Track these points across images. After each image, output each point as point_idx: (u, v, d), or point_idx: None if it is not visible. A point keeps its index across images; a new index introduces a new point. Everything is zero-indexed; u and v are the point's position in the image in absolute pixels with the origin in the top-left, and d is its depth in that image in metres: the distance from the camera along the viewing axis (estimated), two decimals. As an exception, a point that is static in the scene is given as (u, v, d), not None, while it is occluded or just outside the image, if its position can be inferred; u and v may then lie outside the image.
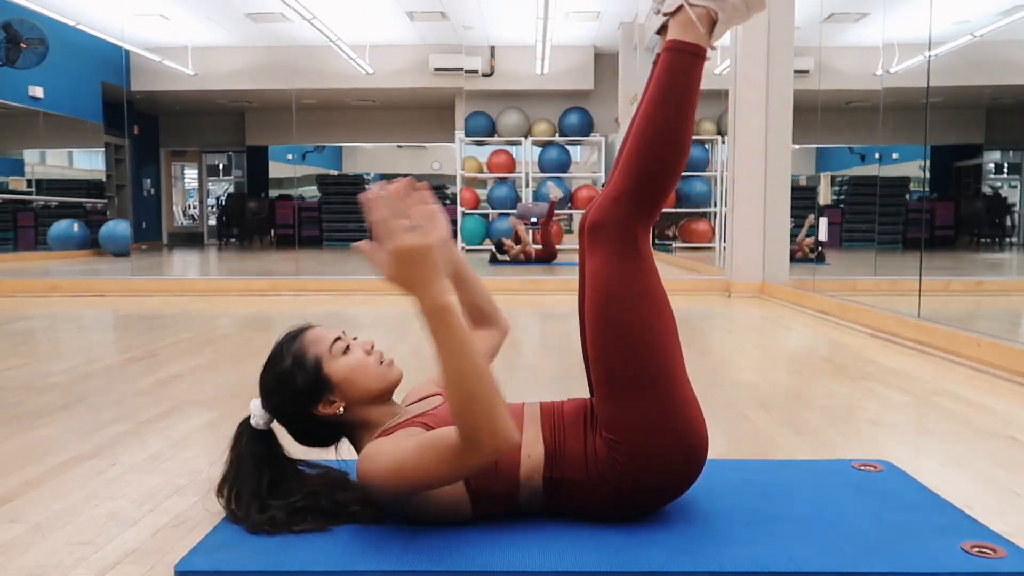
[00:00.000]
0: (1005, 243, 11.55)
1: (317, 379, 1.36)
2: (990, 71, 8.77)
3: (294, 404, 1.38)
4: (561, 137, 12.03)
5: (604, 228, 1.33)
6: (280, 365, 1.39)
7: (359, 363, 1.38)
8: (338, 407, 1.37)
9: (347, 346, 1.40)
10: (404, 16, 10.00)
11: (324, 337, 1.40)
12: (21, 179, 11.40)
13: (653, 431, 1.29)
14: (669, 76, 1.33)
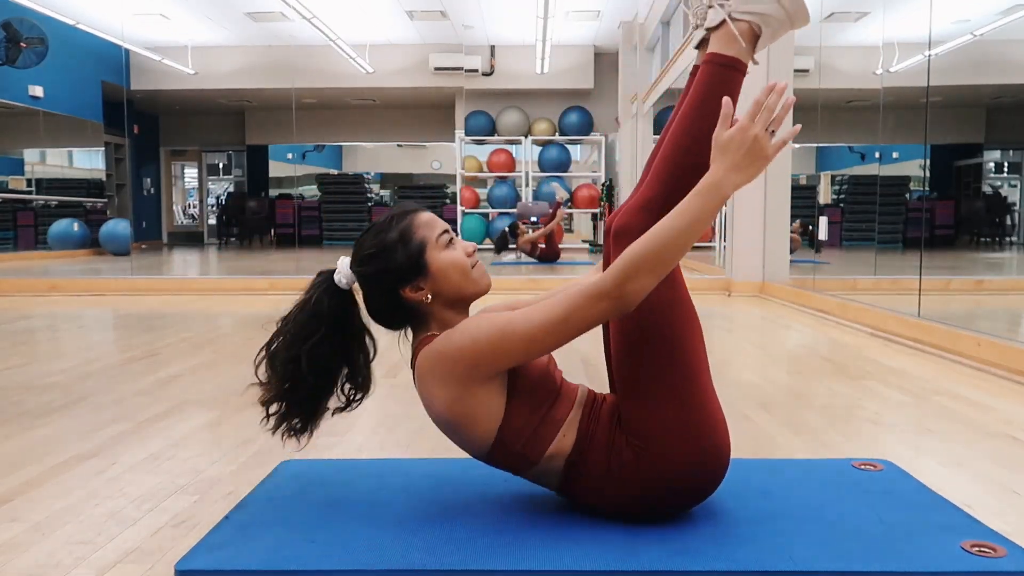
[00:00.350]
0: (1005, 242, 11.55)
1: (416, 262, 1.34)
2: (990, 70, 8.76)
3: (385, 276, 1.36)
4: (561, 136, 12.03)
5: (632, 234, 1.32)
6: (385, 235, 1.36)
7: (459, 260, 1.36)
8: (425, 295, 1.35)
9: (451, 239, 1.39)
10: (404, 15, 10.00)
11: (435, 224, 1.38)
12: (21, 178, 11.41)
13: (678, 439, 1.29)
14: (708, 89, 1.34)
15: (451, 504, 1.43)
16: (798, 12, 1.37)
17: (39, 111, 9.99)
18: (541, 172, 12.01)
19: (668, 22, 9.57)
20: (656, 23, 9.59)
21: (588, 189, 11.94)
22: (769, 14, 1.35)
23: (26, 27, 9.08)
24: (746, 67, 1.35)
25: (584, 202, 11.85)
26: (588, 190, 11.92)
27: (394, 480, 1.57)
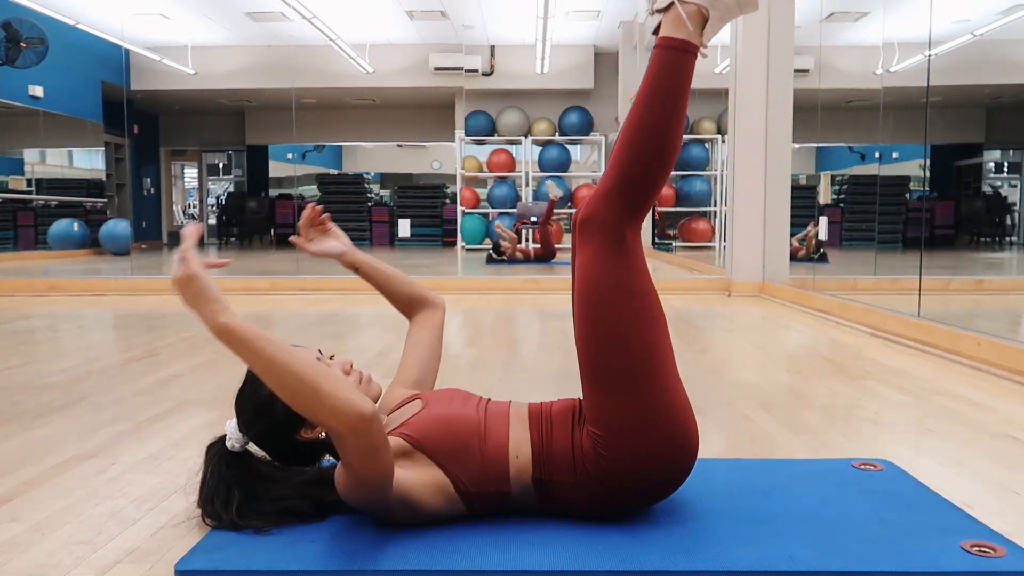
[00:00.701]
0: (1005, 242, 11.55)
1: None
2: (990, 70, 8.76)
3: (274, 431, 1.37)
4: (561, 136, 12.03)
5: (593, 223, 1.33)
6: (258, 393, 1.36)
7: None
8: (320, 431, 1.37)
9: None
10: (404, 15, 10.00)
11: None
12: (21, 178, 11.41)
13: (636, 426, 1.28)
14: (659, 73, 1.32)
15: (451, 504, 1.42)
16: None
17: (39, 111, 9.99)
18: (541, 172, 12.01)
19: (668, 22, 9.56)
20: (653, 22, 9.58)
21: (588, 189, 11.93)
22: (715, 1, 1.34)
23: (26, 27, 9.08)
24: (697, 49, 1.33)
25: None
26: (588, 190, 11.91)
27: (394, 480, 1.57)
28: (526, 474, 1.33)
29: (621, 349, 1.30)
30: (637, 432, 1.28)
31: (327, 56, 10.67)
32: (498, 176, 12.08)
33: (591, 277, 1.32)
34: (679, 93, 1.31)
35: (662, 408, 1.30)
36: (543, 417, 1.38)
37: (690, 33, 1.32)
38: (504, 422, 1.37)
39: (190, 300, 1.15)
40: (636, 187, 1.32)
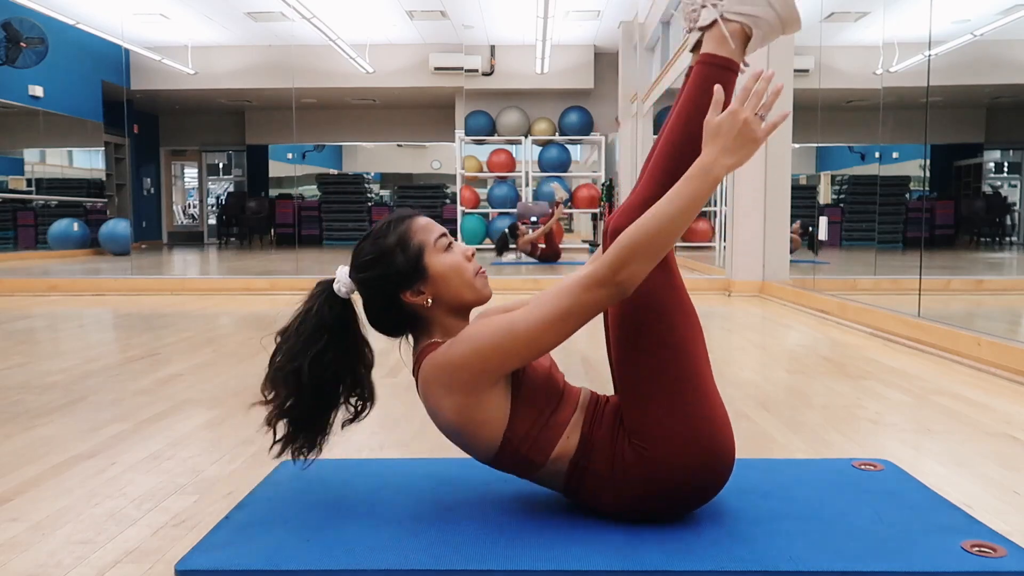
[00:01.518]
0: (1005, 242, 11.56)
1: (416, 265, 1.34)
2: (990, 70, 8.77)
3: (385, 282, 1.35)
4: (561, 136, 12.03)
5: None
6: (383, 240, 1.36)
7: (459, 264, 1.36)
8: (426, 299, 1.35)
9: (450, 243, 1.38)
10: (404, 15, 10.00)
11: (432, 227, 1.38)
12: (21, 178, 11.41)
13: (680, 440, 1.29)
14: (701, 89, 1.34)
15: (451, 504, 1.43)
16: (790, 17, 1.39)
17: (39, 111, 9.99)
18: (541, 172, 12.01)
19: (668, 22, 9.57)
20: (656, 23, 9.59)
21: (588, 189, 11.93)
22: (760, 16, 1.37)
23: (26, 27, 9.08)
24: (739, 67, 1.36)
25: (584, 202, 11.85)
26: (588, 190, 11.91)
27: (394, 480, 1.57)
28: (566, 456, 1.33)
29: (661, 359, 1.31)
30: (682, 448, 1.29)
31: (327, 56, 10.67)
32: (498, 176, 12.08)
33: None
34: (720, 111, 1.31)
35: (700, 417, 1.30)
36: (598, 410, 1.38)
37: (732, 51, 1.35)
38: (575, 402, 1.38)
39: (730, 142, 1.23)
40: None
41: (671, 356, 1.31)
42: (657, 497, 1.31)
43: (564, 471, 1.34)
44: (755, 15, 1.36)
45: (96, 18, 9.50)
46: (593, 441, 1.33)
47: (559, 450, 1.33)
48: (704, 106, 1.31)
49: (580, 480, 1.33)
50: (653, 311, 1.32)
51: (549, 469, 1.34)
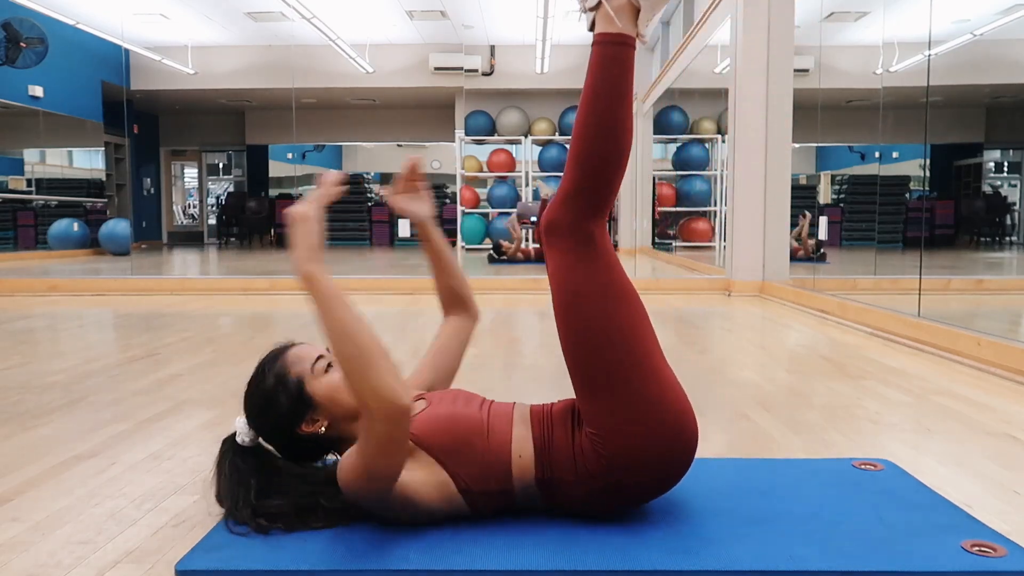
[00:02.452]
0: (1005, 242, 11.56)
1: (300, 398, 1.37)
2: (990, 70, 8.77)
3: (278, 423, 1.38)
4: (561, 136, 12.03)
5: (558, 227, 1.33)
6: (263, 385, 1.39)
7: (340, 383, 1.37)
8: (320, 425, 1.38)
9: (329, 363, 1.40)
10: (404, 15, 10.00)
11: (306, 356, 1.40)
12: (21, 178, 11.41)
13: (633, 423, 1.28)
14: (599, 69, 1.31)
15: (451, 504, 1.42)
16: None
17: (39, 111, 9.99)
18: (541, 172, 12.01)
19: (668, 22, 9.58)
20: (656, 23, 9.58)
21: (588, 189, 11.93)
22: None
23: (26, 27, 9.08)
24: (634, 41, 1.33)
25: (584, 202, 11.85)
26: (588, 190, 11.91)
27: (394, 480, 1.57)
28: (529, 473, 1.32)
29: (604, 348, 1.30)
30: (632, 428, 1.28)
31: (327, 56, 10.67)
32: (498, 176, 12.08)
33: (564, 281, 1.33)
34: (622, 87, 1.30)
35: (654, 401, 1.29)
36: (544, 417, 1.38)
37: (623, 26, 1.31)
38: (507, 421, 1.37)
39: (294, 237, 1.23)
40: (594, 186, 1.32)
41: (612, 341, 1.30)
42: (624, 484, 1.30)
43: (535, 490, 1.33)
44: None
45: (96, 18, 9.50)
46: (551, 453, 1.32)
47: (517, 470, 1.32)
48: (604, 83, 1.30)
49: (552, 493, 1.33)
50: (585, 298, 1.31)
51: (521, 492, 1.33)
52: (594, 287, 1.31)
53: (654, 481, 1.32)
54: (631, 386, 1.29)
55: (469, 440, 1.32)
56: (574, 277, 1.31)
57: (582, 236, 1.32)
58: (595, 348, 1.30)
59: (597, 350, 1.30)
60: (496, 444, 1.33)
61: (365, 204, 14.19)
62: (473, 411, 1.38)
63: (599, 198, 1.33)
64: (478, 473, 1.31)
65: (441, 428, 1.33)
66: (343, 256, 10.35)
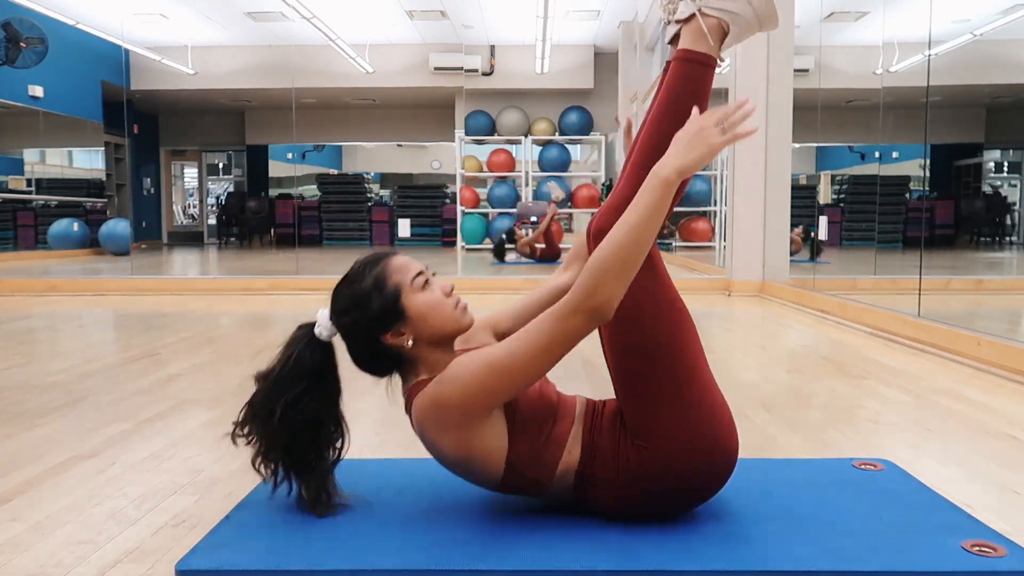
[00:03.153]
0: (1005, 242, 11.56)
1: (394, 307, 1.34)
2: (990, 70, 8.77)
3: (364, 326, 1.35)
4: (561, 136, 12.03)
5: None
6: (359, 284, 1.36)
7: (437, 301, 1.36)
8: (407, 339, 1.35)
9: (426, 281, 1.37)
10: (404, 15, 10.00)
11: (408, 267, 1.37)
12: (21, 178, 11.41)
13: (684, 440, 1.28)
14: (678, 85, 1.33)
15: (451, 504, 1.43)
16: (767, 14, 1.38)
17: (39, 111, 9.99)
18: (541, 172, 12.01)
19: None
20: (656, 23, 9.59)
21: (588, 189, 11.93)
22: (738, 13, 1.35)
23: (26, 27, 9.08)
24: (716, 63, 1.35)
25: (584, 202, 11.84)
26: (588, 190, 11.91)
27: (394, 480, 1.57)
28: (571, 469, 1.33)
29: (663, 363, 1.30)
30: (686, 446, 1.28)
31: (327, 56, 10.67)
32: (498, 176, 12.08)
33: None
34: (697, 105, 1.31)
35: (704, 411, 1.30)
36: (595, 416, 1.37)
37: (710, 47, 1.33)
38: (571, 414, 1.37)
39: (689, 147, 1.21)
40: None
41: (665, 354, 1.31)
42: (663, 494, 1.31)
43: (571, 484, 1.33)
44: (733, 11, 1.35)
45: (96, 18, 9.50)
46: (596, 449, 1.32)
47: (563, 465, 1.32)
48: (680, 103, 1.31)
49: (586, 489, 1.33)
50: (640, 310, 1.31)
51: (556, 486, 1.33)
52: (645, 297, 1.31)
53: (693, 491, 1.33)
54: (683, 394, 1.30)
55: (542, 421, 1.33)
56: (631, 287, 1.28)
57: None
58: (646, 358, 1.31)
59: (648, 360, 1.30)
60: (557, 435, 1.33)
61: (365, 204, 14.19)
62: (552, 394, 1.38)
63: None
64: (529, 455, 1.30)
65: (530, 399, 1.33)
66: (343, 255, 10.35)
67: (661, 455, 1.28)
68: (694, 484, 1.31)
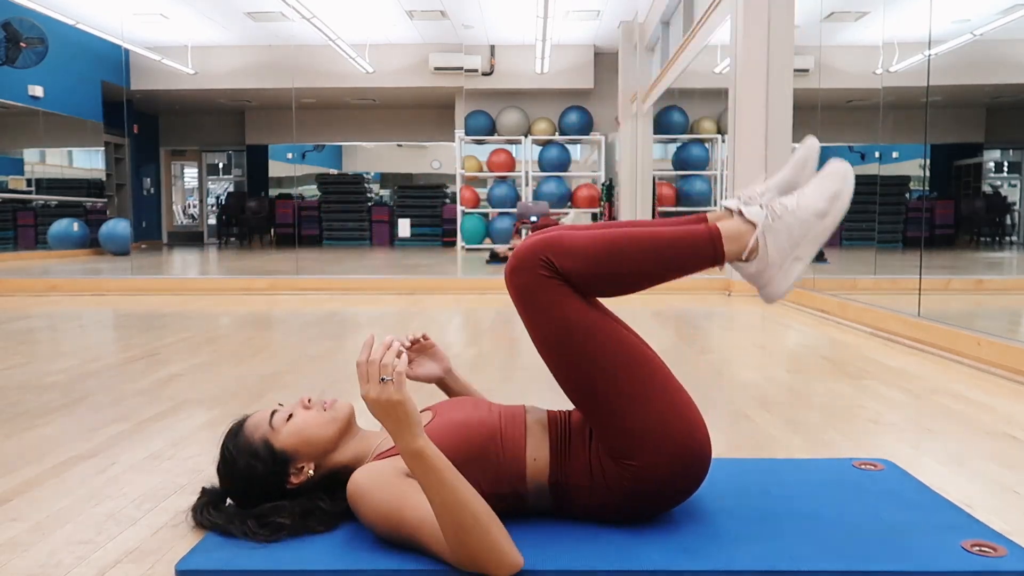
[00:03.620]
0: (1005, 242, 11.56)
1: (275, 458, 1.34)
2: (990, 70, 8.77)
3: (267, 492, 1.34)
4: (561, 136, 12.03)
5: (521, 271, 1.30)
6: (235, 467, 1.35)
7: (303, 422, 1.36)
8: (307, 470, 1.35)
9: (289, 414, 1.37)
10: (404, 15, 10.00)
11: (261, 419, 1.38)
12: (21, 178, 11.41)
13: (660, 449, 1.27)
14: (679, 241, 1.31)
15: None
16: (776, 292, 1.38)
17: (39, 111, 10.00)
18: (541, 172, 12.01)
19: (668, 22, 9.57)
20: (656, 23, 9.59)
21: (588, 189, 11.94)
22: (769, 264, 1.35)
23: (26, 27, 9.09)
24: (721, 262, 1.33)
25: (584, 202, 11.85)
26: (588, 190, 11.92)
27: (394, 480, 1.57)
28: (543, 477, 1.31)
29: (601, 376, 1.28)
30: (658, 450, 1.27)
31: (327, 56, 10.68)
32: (498, 176, 12.08)
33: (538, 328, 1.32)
34: (676, 268, 1.30)
35: (675, 422, 1.28)
36: (561, 424, 1.36)
37: (730, 251, 1.33)
38: (520, 424, 1.35)
39: (390, 424, 1.16)
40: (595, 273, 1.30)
41: (605, 368, 1.28)
42: (643, 500, 1.30)
43: (547, 493, 1.33)
44: (768, 260, 1.35)
45: (96, 18, 9.50)
46: (568, 459, 1.32)
47: (531, 472, 1.31)
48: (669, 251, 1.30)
49: (564, 497, 1.32)
50: (564, 334, 1.29)
51: (533, 497, 1.32)
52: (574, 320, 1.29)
53: (671, 492, 1.32)
54: (644, 407, 1.28)
55: (484, 446, 1.31)
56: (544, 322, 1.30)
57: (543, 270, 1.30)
58: (591, 379, 1.29)
59: (594, 380, 1.29)
60: (511, 448, 1.32)
61: (365, 204, 14.19)
62: (484, 415, 1.37)
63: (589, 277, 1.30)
64: (493, 477, 1.29)
65: (456, 436, 1.31)
66: (343, 255, 10.35)
67: (639, 468, 1.27)
68: (668, 485, 1.30)
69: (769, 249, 1.34)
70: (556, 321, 1.29)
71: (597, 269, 1.30)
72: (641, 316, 4.50)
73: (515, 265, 1.31)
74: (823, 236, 1.38)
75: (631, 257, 1.30)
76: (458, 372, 1.60)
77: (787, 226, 1.35)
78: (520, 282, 1.31)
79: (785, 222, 1.35)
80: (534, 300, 1.31)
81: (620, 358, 1.30)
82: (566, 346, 1.30)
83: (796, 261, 1.36)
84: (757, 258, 1.34)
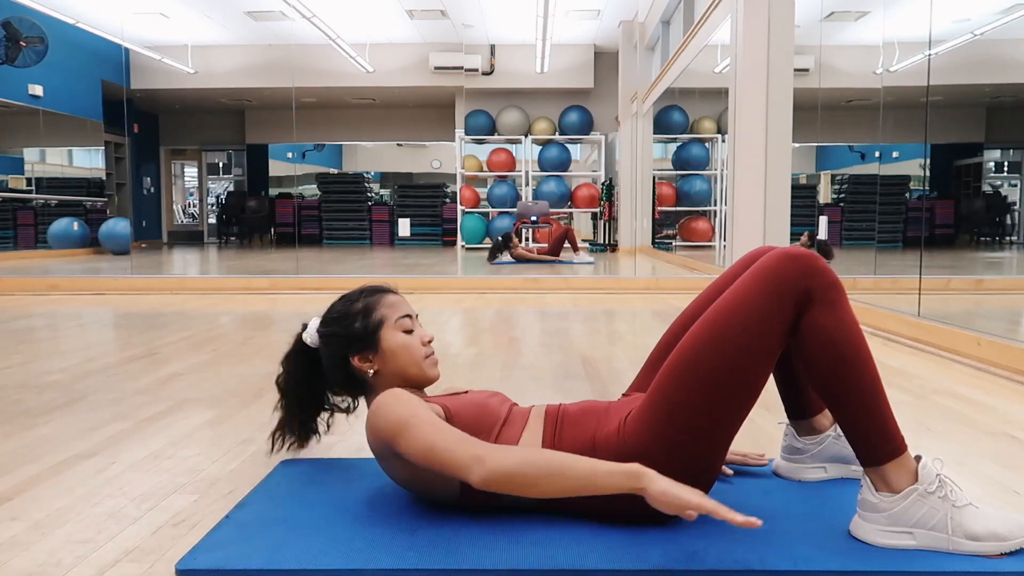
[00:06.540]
0: (1005, 241, 11.56)
1: (370, 335, 1.47)
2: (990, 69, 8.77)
3: (338, 341, 1.49)
4: (561, 136, 12.03)
5: (776, 274, 1.30)
6: (351, 304, 1.51)
7: (410, 345, 1.48)
8: (370, 368, 1.47)
9: (411, 327, 1.50)
10: (404, 14, 10.00)
11: (398, 306, 1.51)
12: (21, 177, 11.42)
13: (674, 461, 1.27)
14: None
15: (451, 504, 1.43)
16: (858, 526, 1.31)
17: (39, 110, 10.00)
18: (541, 171, 12.01)
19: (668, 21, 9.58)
20: (656, 22, 9.59)
21: (588, 188, 11.94)
22: (880, 506, 1.28)
23: (26, 26, 9.08)
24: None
25: (584, 202, 11.85)
26: (588, 189, 11.92)
27: (394, 479, 1.57)
28: None
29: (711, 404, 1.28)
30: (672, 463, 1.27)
31: (327, 55, 10.68)
32: (498, 176, 12.09)
33: (737, 311, 1.29)
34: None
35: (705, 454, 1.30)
36: (557, 417, 1.40)
37: (891, 481, 1.27)
38: (523, 420, 1.41)
39: (687, 497, 1.16)
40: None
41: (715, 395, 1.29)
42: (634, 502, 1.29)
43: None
44: (891, 506, 1.27)
45: (96, 17, 9.50)
46: (559, 444, 1.34)
47: None
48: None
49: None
50: (731, 348, 1.28)
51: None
52: (754, 337, 1.29)
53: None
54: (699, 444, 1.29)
55: (488, 428, 1.37)
56: (736, 342, 1.28)
57: (794, 299, 1.31)
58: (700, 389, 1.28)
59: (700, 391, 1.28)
60: (505, 437, 1.37)
61: (365, 203, 14.19)
62: (498, 406, 1.43)
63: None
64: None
65: (471, 411, 1.38)
66: (343, 255, 10.35)
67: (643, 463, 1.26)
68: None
69: (908, 502, 1.26)
70: (751, 322, 1.31)
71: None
72: (641, 316, 4.50)
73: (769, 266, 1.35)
74: (942, 546, 1.24)
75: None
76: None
77: (938, 511, 1.24)
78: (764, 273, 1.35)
79: (942, 506, 1.24)
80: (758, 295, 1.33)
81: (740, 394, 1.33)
82: (720, 357, 1.30)
83: (903, 535, 1.26)
84: (890, 495, 1.27)
